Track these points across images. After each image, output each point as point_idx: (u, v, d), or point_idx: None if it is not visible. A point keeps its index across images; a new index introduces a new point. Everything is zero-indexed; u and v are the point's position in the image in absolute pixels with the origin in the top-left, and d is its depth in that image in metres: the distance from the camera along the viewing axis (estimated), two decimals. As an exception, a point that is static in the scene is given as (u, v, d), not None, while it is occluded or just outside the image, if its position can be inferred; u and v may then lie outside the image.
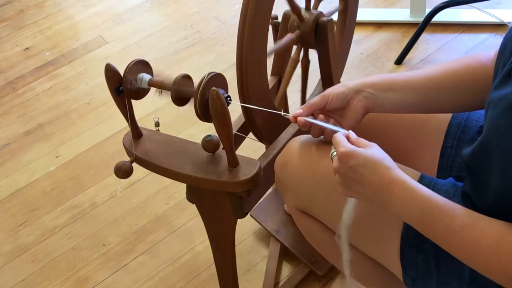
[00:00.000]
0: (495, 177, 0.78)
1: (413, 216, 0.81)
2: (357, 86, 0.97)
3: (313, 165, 1.00)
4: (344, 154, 0.83)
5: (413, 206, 0.80)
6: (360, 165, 0.82)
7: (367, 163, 0.82)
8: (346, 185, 0.86)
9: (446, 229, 0.78)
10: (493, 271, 0.76)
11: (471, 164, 0.88)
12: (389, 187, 0.81)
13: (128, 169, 1.03)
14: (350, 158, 0.83)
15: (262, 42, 1.06)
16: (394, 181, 0.81)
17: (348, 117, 0.97)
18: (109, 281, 1.56)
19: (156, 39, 2.43)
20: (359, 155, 0.82)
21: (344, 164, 0.83)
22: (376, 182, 0.82)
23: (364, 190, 0.84)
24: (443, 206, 0.79)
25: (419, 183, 0.82)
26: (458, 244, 0.78)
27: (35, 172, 1.90)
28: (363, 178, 0.82)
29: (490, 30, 2.21)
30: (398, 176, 0.82)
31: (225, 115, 0.93)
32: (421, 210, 0.80)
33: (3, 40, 2.55)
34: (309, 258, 1.45)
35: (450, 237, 0.78)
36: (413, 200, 0.80)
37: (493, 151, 0.77)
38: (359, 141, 0.86)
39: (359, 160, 0.82)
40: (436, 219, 0.79)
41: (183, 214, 1.70)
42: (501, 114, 0.75)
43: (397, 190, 0.81)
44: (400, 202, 0.81)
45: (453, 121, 1.05)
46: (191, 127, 1.96)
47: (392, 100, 0.97)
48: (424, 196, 0.80)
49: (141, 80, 1.01)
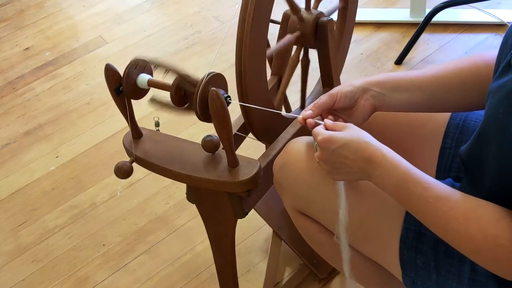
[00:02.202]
0: (491, 166, 0.78)
1: (391, 186, 0.84)
2: (364, 85, 0.97)
3: (311, 166, 1.00)
4: (324, 140, 0.87)
5: (392, 176, 0.83)
6: (341, 146, 0.86)
7: (347, 143, 0.85)
8: (333, 170, 0.89)
9: (420, 200, 0.81)
10: (462, 243, 0.78)
11: (467, 158, 0.88)
12: (371, 160, 0.84)
13: (128, 169, 1.03)
14: (330, 142, 0.86)
15: (261, 42, 1.06)
16: (375, 153, 0.84)
17: (355, 116, 0.97)
18: (109, 281, 1.56)
19: (156, 39, 2.43)
20: (338, 137, 0.86)
21: (326, 150, 0.87)
22: (359, 159, 0.85)
23: (350, 168, 0.87)
24: (419, 178, 0.82)
25: (400, 156, 0.84)
26: (430, 214, 0.80)
27: (35, 172, 1.90)
28: (347, 158, 0.86)
29: (490, 30, 2.20)
30: (378, 148, 0.85)
31: (225, 115, 0.93)
32: (398, 180, 0.82)
33: (3, 40, 2.55)
34: (311, 259, 1.45)
35: (423, 207, 0.81)
36: (392, 170, 0.83)
37: (490, 140, 0.78)
38: (336, 125, 0.90)
39: (339, 142, 0.86)
40: (412, 189, 0.81)
41: (183, 214, 1.70)
42: (499, 102, 0.75)
43: (378, 161, 0.84)
44: (380, 173, 0.84)
45: (452, 122, 1.05)
46: (191, 127, 1.96)
47: (399, 99, 0.97)
48: (403, 168, 0.83)
49: (140, 80, 1.01)
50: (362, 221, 0.96)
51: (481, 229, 0.75)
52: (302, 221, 1.07)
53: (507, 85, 0.74)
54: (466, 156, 0.89)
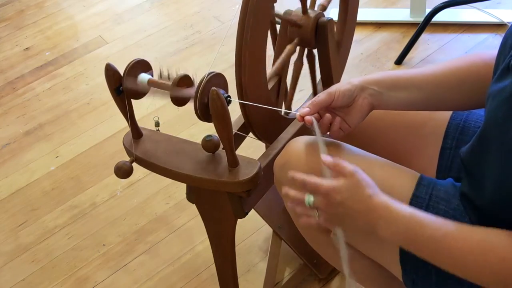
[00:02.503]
0: (492, 170, 0.78)
1: (399, 234, 0.82)
2: (362, 84, 0.96)
3: (312, 165, 0.99)
4: (329, 192, 0.84)
5: (398, 224, 0.81)
6: (347, 199, 0.83)
7: (351, 194, 0.83)
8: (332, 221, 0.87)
9: (431, 242, 0.80)
10: (484, 275, 0.77)
11: (468, 160, 0.88)
12: (375, 212, 0.83)
13: (128, 169, 1.03)
14: (336, 194, 0.84)
15: (261, 42, 1.06)
16: (379, 205, 0.82)
17: (353, 115, 0.97)
18: (109, 281, 1.56)
19: (156, 39, 2.43)
20: (343, 188, 0.83)
21: (332, 203, 0.84)
22: (362, 210, 0.83)
23: (353, 221, 0.85)
24: (425, 220, 0.81)
25: (401, 203, 0.83)
26: (444, 254, 0.79)
27: (35, 172, 1.90)
28: (351, 208, 0.84)
29: (490, 30, 2.21)
30: (381, 200, 0.83)
31: (225, 115, 0.93)
32: (406, 227, 0.81)
33: (3, 40, 2.55)
34: (311, 259, 1.45)
35: (436, 248, 0.80)
36: (397, 219, 0.82)
37: (491, 143, 0.78)
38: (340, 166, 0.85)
39: (344, 194, 0.83)
40: (420, 233, 0.80)
41: (183, 214, 1.70)
42: (499, 105, 0.75)
43: (382, 213, 0.82)
44: (385, 223, 0.82)
45: (452, 122, 1.05)
46: (191, 127, 1.96)
47: (397, 97, 0.97)
48: (407, 214, 0.81)
49: (140, 80, 1.01)
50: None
51: (499, 257, 0.75)
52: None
53: (507, 89, 0.74)
54: (467, 158, 0.89)
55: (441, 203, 0.90)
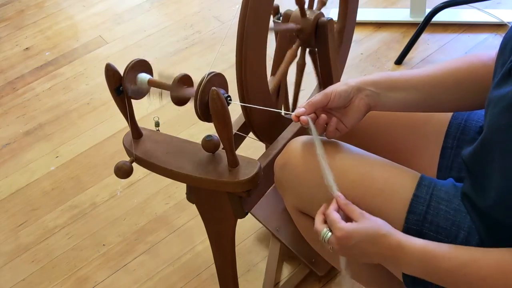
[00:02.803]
0: (496, 176, 0.78)
1: (417, 270, 0.85)
2: (359, 84, 0.96)
3: (313, 165, 0.99)
4: (343, 237, 0.86)
5: (414, 262, 0.84)
6: (360, 242, 0.86)
7: (365, 238, 0.86)
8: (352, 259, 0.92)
9: (449, 272, 0.81)
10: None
11: (471, 164, 0.87)
12: (390, 252, 0.85)
13: (128, 169, 1.03)
14: (348, 239, 0.86)
15: (261, 42, 1.06)
16: (393, 245, 0.85)
17: (350, 116, 0.97)
18: (109, 281, 1.56)
19: (156, 39, 2.43)
20: (356, 233, 0.86)
21: (344, 246, 0.87)
22: (379, 252, 0.86)
23: (370, 259, 0.88)
24: (439, 252, 0.83)
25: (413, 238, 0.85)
26: (464, 282, 0.81)
27: (35, 172, 1.90)
28: (366, 250, 0.87)
29: (490, 30, 2.20)
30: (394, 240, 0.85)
31: (225, 115, 0.93)
32: (421, 263, 0.83)
33: (3, 40, 2.55)
34: (310, 258, 1.45)
35: (454, 278, 0.81)
36: (412, 257, 0.84)
37: (494, 151, 0.77)
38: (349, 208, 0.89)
39: (357, 238, 0.86)
40: (437, 267, 0.82)
41: (183, 214, 1.69)
42: (501, 113, 0.75)
43: (398, 253, 0.85)
44: (403, 263, 0.85)
45: (453, 121, 1.05)
46: (191, 127, 1.96)
47: (394, 98, 0.97)
48: (420, 250, 0.84)
49: (140, 80, 1.01)
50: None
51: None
52: (302, 220, 1.07)
53: (509, 96, 0.73)
54: (469, 161, 0.88)
55: (442, 203, 0.90)
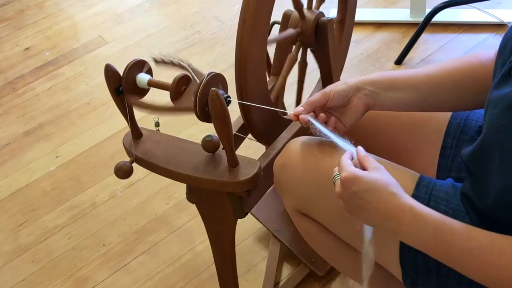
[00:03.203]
0: (495, 177, 0.78)
1: (427, 243, 0.78)
2: (358, 84, 0.96)
3: (312, 166, 0.99)
4: (347, 179, 0.80)
5: (425, 232, 0.77)
6: (364, 190, 0.79)
7: (370, 188, 0.79)
8: (351, 212, 0.83)
9: (463, 253, 0.75)
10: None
11: (471, 164, 0.87)
12: (397, 215, 0.78)
13: (128, 169, 1.03)
14: (353, 183, 0.80)
15: (261, 43, 1.06)
16: (402, 208, 0.78)
17: (348, 115, 0.97)
18: (109, 281, 1.56)
19: (156, 39, 2.43)
20: (362, 180, 0.79)
21: (346, 190, 0.81)
22: (383, 210, 0.79)
23: (370, 217, 0.81)
24: (457, 229, 0.75)
25: (428, 207, 0.78)
26: (478, 267, 0.74)
27: (35, 172, 1.90)
28: (368, 204, 0.79)
29: (490, 30, 2.20)
30: (406, 202, 0.78)
31: (225, 115, 0.93)
32: (434, 236, 0.76)
33: (3, 40, 2.55)
34: (309, 258, 1.45)
35: (468, 261, 0.75)
36: (425, 227, 0.77)
37: (493, 151, 0.77)
38: (367, 159, 0.83)
39: (362, 185, 0.79)
40: (451, 243, 0.75)
41: (183, 214, 1.70)
42: (501, 113, 0.75)
43: (406, 218, 0.78)
44: (411, 230, 0.78)
45: (453, 121, 1.05)
46: (191, 127, 1.96)
47: (393, 98, 0.97)
48: (437, 221, 0.76)
49: (140, 80, 1.01)
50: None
51: None
52: (302, 221, 1.07)
53: (509, 96, 0.73)
54: (469, 161, 0.88)
55: (441, 203, 0.90)
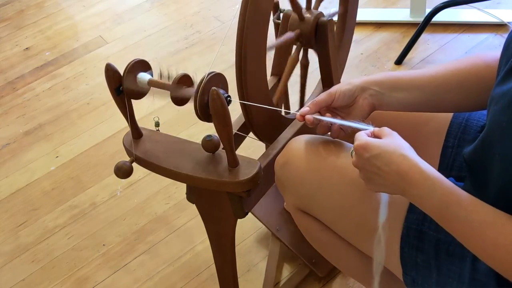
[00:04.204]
0: (496, 174, 0.78)
1: (432, 208, 0.79)
2: (363, 84, 0.97)
3: (314, 164, 1.00)
4: (359, 147, 0.83)
5: (432, 198, 0.78)
6: (375, 156, 0.81)
7: (380, 153, 0.81)
8: (367, 179, 0.85)
9: (465, 225, 0.76)
10: (509, 270, 0.74)
11: (472, 162, 0.88)
12: (407, 176, 0.79)
13: (128, 169, 1.02)
14: (365, 150, 0.82)
15: (261, 42, 1.06)
16: (412, 169, 0.79)
17: (354, 115, 0.97)
18: (109, 281, 1.56)
19: (156, 39, 2.43)
20: (373, 146, 0.82)
21: (360, 157, 0.83)
22: (393, 172, 0.80)
23: (384, 181, 0.83)
24: (463, 200, 0.77)
25: (439, 173, 0.79)
26: (476, 241, 0.76)
27: (35, 172, 1.90)
28: (380, 169, 0.81)
29: (490, 30, 2.21)
30: (416, 164, 0.79)
31: (225, 115, 0.93)
32: (440, 203, 0.78)
33: (3, 40, 2.56)
34: (310, 259, 1.45)
35: (468, 233, 0.76)
36: (433, 192, 0.78)
37: (494, 147, 0.77)
38: (380, 131, 0.86)
39: (373, 151, 0.81)
40: (455, 213, 0.77)
41: (183, 214, 1.69)
42: (503, 110, 0.75)
43: (416, 180, 0.79)
44: (419, 193, 0.79)
45: (454, 120, 1.05)
46: (191, 127, 1.96)
47: (398, 98, 0.97)
48: (445, 189, 0.78)
49: (140, 80, 1.01)
50: (362, 219, 0.96)
51: None
52: (303, 220, 1.07)
53: (511, 92, 0.73)
54: (470, 160, 0.88)
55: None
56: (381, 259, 0.92)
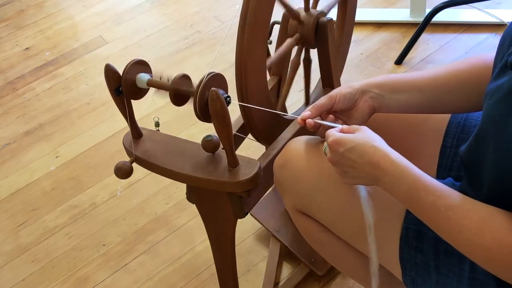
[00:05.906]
0: (489, 167, 0.78)
1: (402, 193, 0.82)
2: (363, 87, 0.97)
3: (313, 165, 1.00)
4: (334, 142, 0.86)
5: (402, 184, 0.81)
6: (348, 150, 0.85)
7: (354, 146, 0.84)
8: (343, 173, 0.88)
9: (432, 208, 0.79)
10: (475, 252, 0.77)
11: (467, 159, 0.88)
12: (379, 165, 0.83)
13: (128, 169, 1.02)
14: (339, 145, 0.85)
15: (262, 42, 1.06)
16: (383, 159, 0.82)
17: (355, 118, 0.98)
18: (109, 281, 1.56)
19: (156, 39, 2.43)
20: (346, 140, 0.85)
21: (335, 153, 0.86)
22: (366, 163, 0.84)
23: (359, 173, 0.86)
24: (431, 186, 0.80)
25: (410, 162, 0.83)
26: (443, 224, 0.79)
27: (35, 172, 1.90)
28: (355, 162, 0.85)
29: (490, 30, 2.21)
30: (387, 154, 0.83)
31: (225, 115, 0.93)
32: (409, 188, 0.81)
33: (3, 40, 2.56)
34: (309, 258, 1.45)
35: (435, 216, 0.80)
36: (402, 178, 0.81)
37: (488, 141, 0.78)
38: (350, 128, 0.89)
39: (346, 145, 0.85)
40: (423, 198, 0.80)
41: (183, 214, 1.70)
42: (496, 103, 0.75)
43: (387, 168, 0.82)
44: (389, 180, 0.82)
45: (453, 120, 1.05)
46: (191, 127, 1.96)
47: (399, 100, 0.97)
48: (413, 175, 0.81)
49: (139, 80, 1.01)
50: (361, 220, 0.96)
51: (495, 238, 0.74)
52: (302, 221, 1.07)
53: (504, 87, 0.74)
54: (465, 156, 0.89)
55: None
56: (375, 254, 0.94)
